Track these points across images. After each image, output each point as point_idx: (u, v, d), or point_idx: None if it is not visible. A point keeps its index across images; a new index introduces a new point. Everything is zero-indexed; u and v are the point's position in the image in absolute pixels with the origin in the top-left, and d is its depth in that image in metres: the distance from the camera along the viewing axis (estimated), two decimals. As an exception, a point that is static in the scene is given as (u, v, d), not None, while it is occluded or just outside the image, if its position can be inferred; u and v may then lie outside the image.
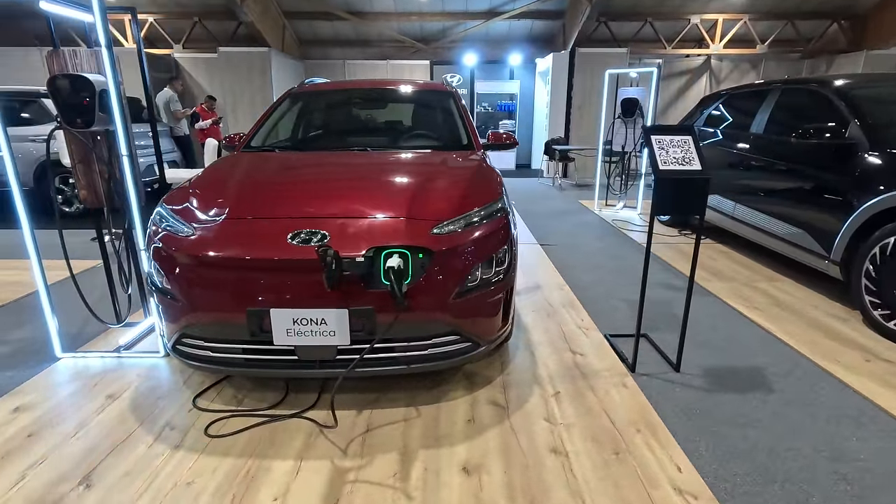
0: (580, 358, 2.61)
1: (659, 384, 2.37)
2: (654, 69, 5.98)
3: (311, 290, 1.83)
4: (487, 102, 11.25)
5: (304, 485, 1.72)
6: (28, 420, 2.08)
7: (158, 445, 1.92)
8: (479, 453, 1.88)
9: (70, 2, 2.43)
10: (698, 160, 2.25)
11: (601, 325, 3.01)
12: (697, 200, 2.25)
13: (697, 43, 10.99)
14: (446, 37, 11.38)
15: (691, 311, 3.22)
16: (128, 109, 2.57)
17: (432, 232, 1.96)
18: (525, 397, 2.25)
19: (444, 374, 2.41)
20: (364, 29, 11.04)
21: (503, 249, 2.16)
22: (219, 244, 1.88)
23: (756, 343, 2.79)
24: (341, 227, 1.93)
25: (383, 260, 1.84)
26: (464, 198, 2.17)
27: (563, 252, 4.59)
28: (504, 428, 2.03)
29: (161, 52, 10.08)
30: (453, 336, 2.03)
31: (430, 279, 1.92)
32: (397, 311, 1.87)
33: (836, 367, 2.51)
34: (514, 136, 3.23)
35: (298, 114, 3.29)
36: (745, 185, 4.18)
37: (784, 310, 3.24)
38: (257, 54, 9.36)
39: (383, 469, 1.79)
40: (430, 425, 2.04)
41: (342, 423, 2.06)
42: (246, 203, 2.06)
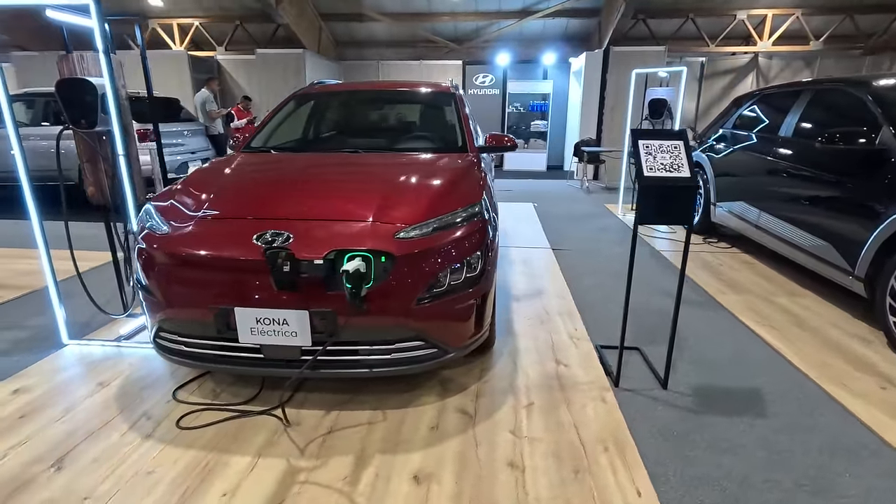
0: (563, 369, 2.52)
1: (641, 401, 2.26)
2: (684, 68, 5.70)
3: (272, 290, 1.86)
4: (520, 103, 11.10)
5: (256, 482, 1.75)
6: (23, 402, 2.22)
7: (131, 434, 2.01)
8: (434, 462, 1.85)
9: (74, 9, 2.56)
10: (687, 167, 2.13)
11: (596, 336, 2.90)
12: (684, 209, 2.13)
13: (744, 40, 10.43)
14: (479, 36, 11.32)
15: (695, 325, 3.06)
16: (128, 111, 2.71)
17: (397, 236, 1.95)
18: (496, 407, 2.20)
19: (419, 378, 2.39)
20: (398, 30, 11.15)
21: (476, 255, 2.12)
22: (188, 242, 1.95)
23: (760, 362, 2.61)
24: (307, 228, 1.95)
25: (345, 262, 1.85)
26: (436, 202, 2.14)
27: (575, 258, 4.47)
28: (466, 437, 1.99)
29: (204, 55, 10.55)
30: (418, 342, 2.01)
31: (393, 283, 1.91)
32: (356, 315, 1.87)
33: (843, 394, 2.31)
34: (514, 139, 3.16)
35: (299, 115, 3.36)
36: (771, 193, 3.92)
37: (800, 327, 3.01)
38: (292, 55, 9.63)
39: (335, 472, 1.80)
40: (392, 430, 2.03)
41: (307, 422, 2.09)
42: (220, 203, 2.12)
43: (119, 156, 2.43)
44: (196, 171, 2.55)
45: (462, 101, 3.33)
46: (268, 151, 2.95)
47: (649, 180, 2.10)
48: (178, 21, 10.68)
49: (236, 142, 3.17)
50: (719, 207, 4.77)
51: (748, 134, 4.49)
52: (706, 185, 5.03)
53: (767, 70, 10.40)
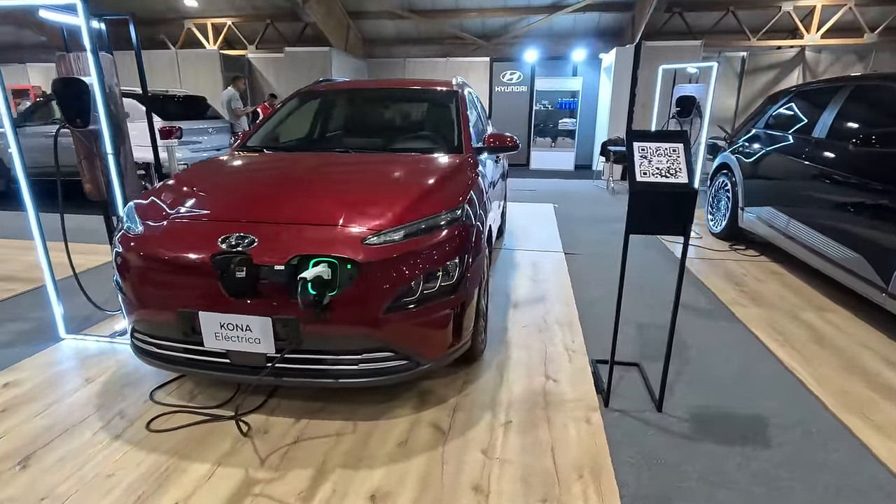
0: (552, 384, 2.38)
1: (630, 424, 2.10)
2: (714, 63, 5.37)
3: (234, 295, 1.82)
4: (548, 100, 10.82)
5: (210, 492, 1.70)
6: (10, 395, 2.27)
7: (102, 433, 2.01)
8: (395, 480, 1.76)
9: (65, 9, 2.59)
10: (685, 172, 1.95)
11: (594, 350, 2.74)
12: (680, 218, 1.95)
13: (790, 33, 9.81)
14: (508, 32, 11.12)
15: (704, 340, 2.85)
16: (121, 109, 2.73)
17: (365, 242, 1.86)
18: (472, 423, 2.08)
19: (397, 388, 2.31)
20: (426, 27, 11.08)
21: (453, 262, 2.01)
22: (155, 244, 1.93)
23: (770, 384, 2.39)
24: (272, 232, 1.89)
25: (310, 267, 1.78)
26: (411, 206, 2.04)
27: (587, 263, 4.28)
28: (434, 456, 1.89)
29: (236, 54, 10.80)
30: (386, 353, 1.93)
31: (358, 292, 1.82)
32: (318, 323, 1.80)
33: (862, 425, 2.08)
34: (515, 140, 3.02)
35: (299, 114, 3.32)
36: (801, 198, 3.62)
37: (823, 347, 2.75)
38: (319, 54, 9.73)
39: (292, 485, 1.74)
40: (359, 443, 1.96)
41: (275, 429, 2.04)
42: (193, 204, 2.09)
43: (107, 154, 2.45)
44: (184, 171, 2.55)
45: (464, 100, 3.21)
46: (260, 151, 2.92)
47: (641, 186, 1.94)
48: (212, 21, 10.97)
49: (235, 139, 3.17)
50: (747, 213, 4.46)
51: (779, 134, 4.18)
52: (734, 189, 4.72)
53: (815, 65, 9.76)
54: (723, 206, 4.99)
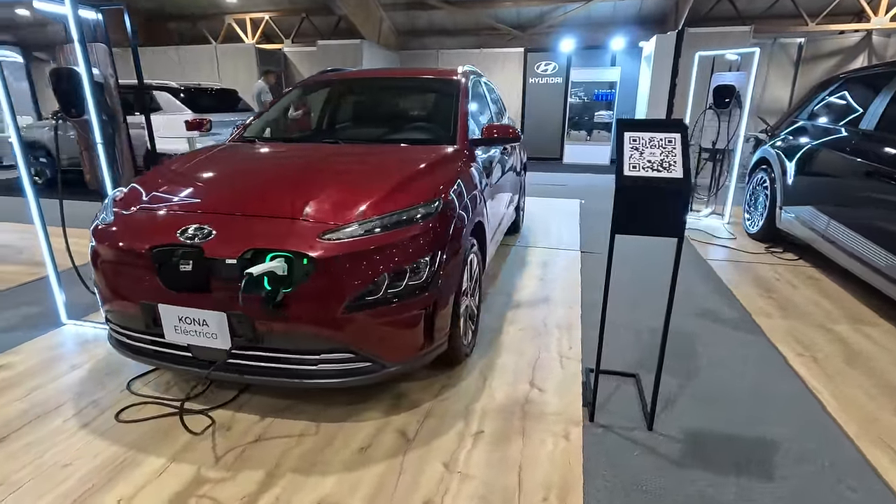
0: (536, 393, 2.22)
1: (614, 442, 1.91)
2: (756, 49, 4.92)
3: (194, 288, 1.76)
4: (583, 91, 10.40)
5: (157, 489, 1.67)
6: (0, 378, 2.34)
7: (72, 421, 2.02)
8: (346, 490, 1.67)
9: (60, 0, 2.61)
10: (681, 166, 1.73)
11: (592, 357, 2.53)
12: (672, 218, 1.74)
13: (855, 16, 8.96)
14: (544, 22, 10.77)
15: (717, 352, 2.59)
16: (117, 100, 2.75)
17: (322, 237, 1.76)
18: (441, 431, 1.96)
19: (370, 389, 2.21)
20: (460, 18, 10.90)
21: (423, 260, 1.89)
22: (118, 235, 1.91)
23: (786, 406, 2.13)
24: (231, 224, 1.82)
25: (263, 263, 1.70)
26: (380, 200, 1.93)
27: (604, 262, 4.02)
28: (393, 465, 1.78)
29: (272, 48, 11.00)
30: (347, 354, 1.83)
31: (315, 289, 1.73)
32: (273, 321, 1.73)
33: (888, 462, 1.80)
34: (516, 130, 2.84)
35: (296, 104, 3.27)
36: (843, 197, 3.25)
37: (854, 366, 2.44)
38: (350, 46, 9.73)
39: (239, 488, 1.67)
40: (319, 446, 1.87)
41: (239, 426, 1.99)
42: (162, 195, 2.06)
43: (97, 143, 2.46)
44: (169, 161, 2.53)
45: (464, 90, 3.05)
46: (252, 141, 2.88)
47: (628, 181, 1.74)
48: (251, 16, 11.22)
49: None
50: (786, 212, 4.07)
51: (823, 126, 3.77)
52: (772, 186, 4.32)
53: (883, 50, 8.88)
54: (760, 205, 4.59)
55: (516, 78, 10.92)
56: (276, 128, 3.09)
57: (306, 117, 3.47)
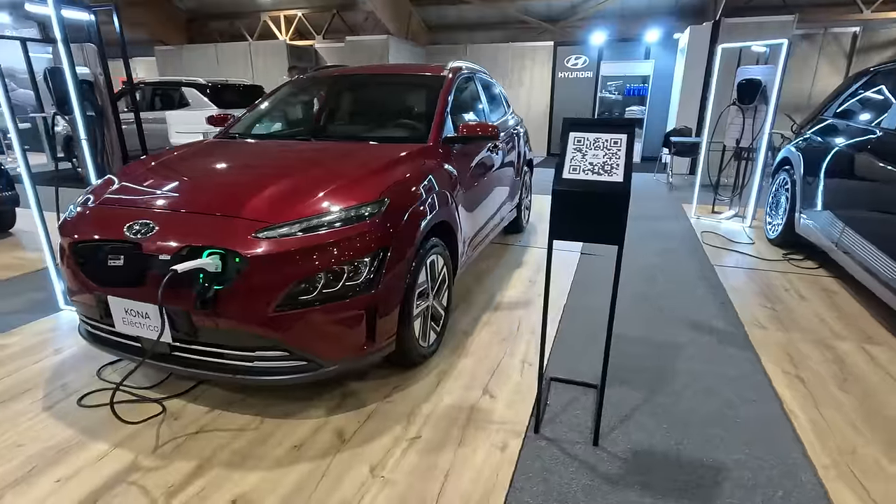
0: (487, 400, 2.16)
1: (553, 456, 1.83)
2: (784, 41, 4.56)
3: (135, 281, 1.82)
4: (614, 86, 10.05)
5: (93, 473, 1.73)
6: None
7: (39, 403, 2.14)
8: (266, 488, 1.68)
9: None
10: (622, 169, 1.63)
11: (558, 366, 2.45)
12: (611, 225, 1.64)
13: (919, 3, 8.18)
14: (575, 14, 10.45)
15: (696, 365, 2.44)
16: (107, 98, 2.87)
17: (256, 234, 1.77)
18: (377, 434, 1.94)
19: (322, 386, 2.22)
20: (489, 11, 10.75)
21: (362, 260, 1.87)
22: (73, 228, 1.99)
23: (754, 429, 1.98)
24: (173, 221, 1.86)
25: (206, 258, 1.73)
26: (322, 199, 1.92)
27: (602, 265, 3.88)
28: (320, 465, 1.78)
29: (303, 44, 11.23)
30: (281, 352, 1.84)
31: (246, 286, 1.75)
32: (205, 316, 1.75)
33: (853, 497, 1.64)
34: (496, 128, 2.76)
35: (279, 102, 3.31)
36: (857, 202, 2.98)
37: (846, 389, 2.23)
38: (377, 42, 9.79)
39: (167, 478, 1.72)
40: (256, 441, 1.90)
41: (187, 416, 2.04)
42: (121, 189, 2.13)
43: (81, 140, 2.59)
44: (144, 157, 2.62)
45: (448, 87, 2.99)
46: (233, 138, 2.94)
47: (565, 184, 1.65)
48: (284, 13, 11.49)
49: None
50: (804, 217, 3.78)
51: (847, 124, 3.47)
52: (793, 188, 4.02)
53: (951, 40, 8.08)
54: (782, 209, 4.28)
55: (545, 72, 10.68)
56: (258, 125, 3.14)
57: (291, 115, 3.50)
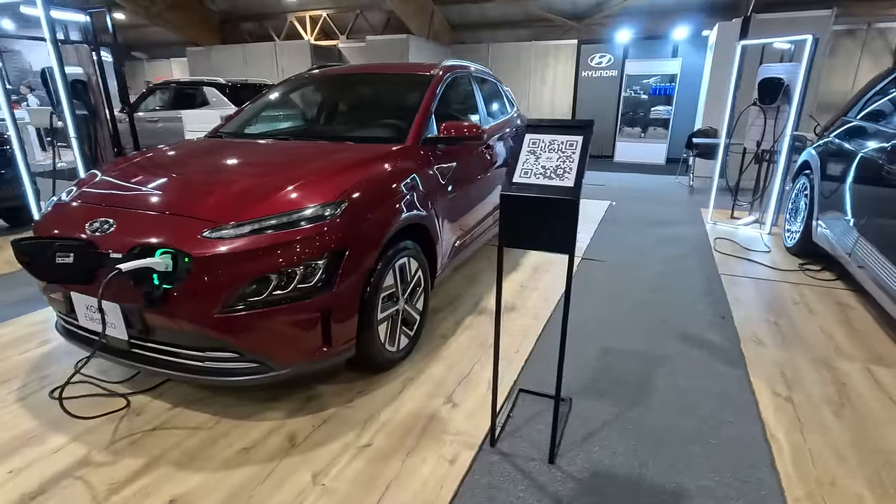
0: (447, 410, 2.09)
1: (504, 473, 1.75)
2: (808, 37, 4.27)
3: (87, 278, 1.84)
4: (639, 85, 9.72)
5: (47, 465, 1.77)
6: (-17, 348, 2.60)
7: (15, 393, 2.20)
8: (206, 490, 1.67)
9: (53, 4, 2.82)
10: (574, 174, 1.53)
11: (531, 377, 2.36)
12: (561, 232, 1.54)
13: (975, -5, 7.57)
14: (601, 11, 10.19)
15: (679, 381, 2.31)
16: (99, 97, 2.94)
17: (204, 234, 1.76)
18: (329, 440, 1.90)
19: (286, 387, 2.20)
20: (512, 9, 10.61)
21: (315, 263, 1.84)
22: (42, 224, 2.03)
23: (727, 454, 1.84)
24: (130, 219, 1.88)
25: (158, 256, 1.74)
26: (276, 199, 1.90)
27: (603, 272, 3.74)
28: (264, 469, 1.76)
29: (327, 44, 11.37)
30: (230, 353, 1.83)
31: (193, 286, 1.74)
32: (155, 315, 1.76)
33: (821, 536, 1.50)
34: (479, 129, 2.68)
35: (270, 102, 3.32)
36: (873, 210, 2.75)
37: (839, 415, 2.06)
38: (397, 41, 9.81)
39: (113, 474, 1.73)
40: (208, 441, 1.90)
41: (148, 412, 2.06)
42: (93, 186, 2.16)
43: (72, 137, 2.66)
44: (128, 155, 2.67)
45: (435, 87, 2.93)
46: (219, 137, 2.97)
47: (514, 188, 1.57)
48: (310, 13, 11.67)
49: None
50: (821, 225, 3.54)
51: (867, 126, 3.22)
52: (811, 194, 3.77)
53: None
54: (800, 216, 4.03)
55: (568, 71, 10.46)
56: (245, 125, 3.16)
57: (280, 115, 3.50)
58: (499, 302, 1.73)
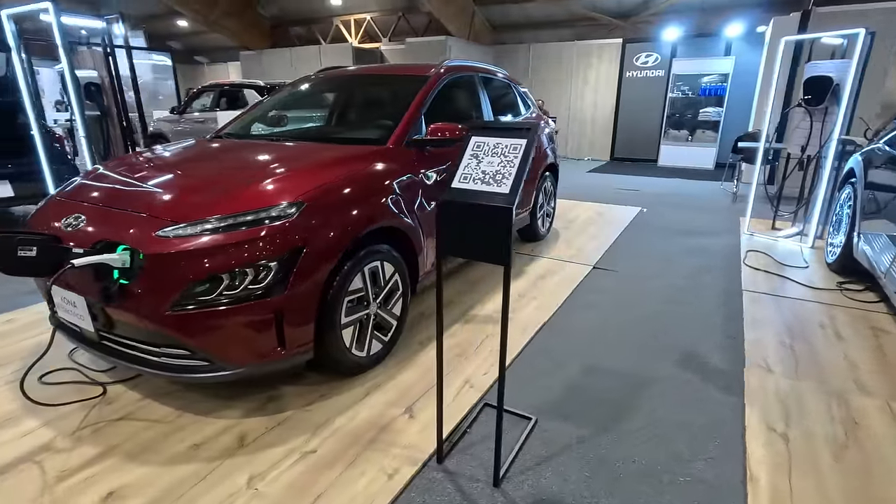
0: (403, 420, 2.02)
1: (442, 493, 1.66)
2: (861, 30, 3.83)
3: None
4: (687, 85, 9.21)
5: (10, 448, 1.85)
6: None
7: (9, 377, 2.34)
8: (147, 482, 1.69)
9: (75, 13, 3.00)
10: (512, 180, 1.43)
11: (509, 391, 2.24)
12: (494, 242, 1.44)
13: None
14: (648, 9, 9.73)
15: (666, 410, 2.12)
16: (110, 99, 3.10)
17: (158, 233, 1.80)
18: (276, 443, 1.89)
19: (254, 385, 2.21)
20: (554, 9, 10.35)
21: (267, 263, 1.83)
22: (37, 216, 2.15)
23: (695, 495, 1.66)
24: (99, 216, 1.95)
25: (118, 253, 1.80)
26: (232, 199, 1.91)
27: (612, 283, 3.54)
28: (207, 467, 1.76)
29: (369, 47, 11.57)
30: (182, 350, 1.85)
31: (145, 283, 1.78)
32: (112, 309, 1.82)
33: None
34: (460, 129, 2.59)
35: (275, 102, 3.37)
36: (913, 227, 2.42)
37: (839, 458, 1.81)
38: (436, 43, 9.83)
39: (68, 462, 1.79)
40: (164, 435, 1.93)
41: (118, 403, 2.13)
42: (86, 183, 2.27)
43: (82, 137, 2.82)
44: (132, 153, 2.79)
45: (428, 88, 2.87)
46: (220, 137, 3.05)
47: (451, 194, 1.48)
48: (354, 17, 11.92)
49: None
50: (861, 240, 3.17)
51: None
52: (854, 205, 3.39)
53: None
54: (843, 228, 3.63)
55: (612, 71, 10.07)
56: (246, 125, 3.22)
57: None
58: (440, 309, 1.65)
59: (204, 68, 16.75)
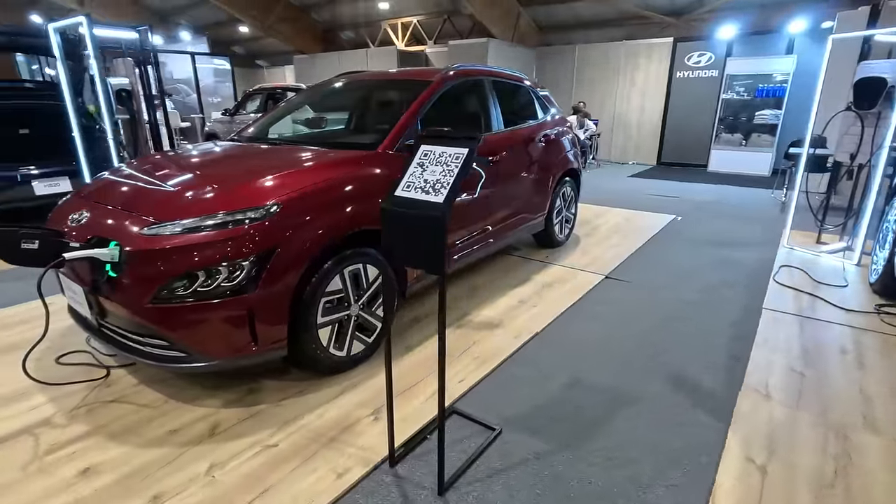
0: (367, 421, 2.05)
1: (386, 496, 1.68)
2: (919, 27, 3.45)
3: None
4: (742, 86, 8.65)
5: (15, 421, 2.04)
6: (19, 318, 3.08)
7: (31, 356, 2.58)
8: (119, 462, 1.82)
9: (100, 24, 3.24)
10: (448, 190, 1.42)
11: (482, 400, 2.23)
12: (430, 250, 1.44)
13: None
14: (703, 6, 9.23)
15: (638, 433, 2.03)
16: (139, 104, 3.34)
17: (143, 231, 1.93)
18: (245, 434, 1.98)
19: (238, 377, 2.32)
20: (603, 8, 10.05)
21: (240, 262, 1.92)
22: (54, 212, 2.37)
23: (646, 521, 1.58)
24: (100, 213, 2.12)
25: (112, 249, 1.95)
26: (212, 199, 2.02)
27: (621, 294, 3.41)
28: (175, 452, 1.87)
29: (414, 49, 11.74)
30: (162, 341, 1.98)
31: (128, 277, 1.92)
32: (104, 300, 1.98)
33: None
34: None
35: (288, 106, 3.50)
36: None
37: (824, 499, 1.65)
38: (478, 45, 9.82)
39: (58, 438, 1.95)
40: (149, 420, 2.07)
41: (118, 386, 2.30)
42: (101, 183, 2.47)
43: (111, 140, 3.07)
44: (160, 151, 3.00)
45: (428, 94, 2.89)
46: (235, 140, 3.22)
47: (391, 202, 1.50)
48: (402, 20, 12.13)
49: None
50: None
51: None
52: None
53: None
54: (889, 245, 3.29)
55: (661, 72, 9.65)
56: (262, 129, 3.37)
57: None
58: (386, 315, 1.66)
59: (263, 72, 17.64)
